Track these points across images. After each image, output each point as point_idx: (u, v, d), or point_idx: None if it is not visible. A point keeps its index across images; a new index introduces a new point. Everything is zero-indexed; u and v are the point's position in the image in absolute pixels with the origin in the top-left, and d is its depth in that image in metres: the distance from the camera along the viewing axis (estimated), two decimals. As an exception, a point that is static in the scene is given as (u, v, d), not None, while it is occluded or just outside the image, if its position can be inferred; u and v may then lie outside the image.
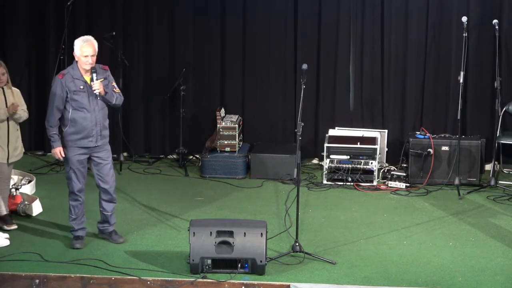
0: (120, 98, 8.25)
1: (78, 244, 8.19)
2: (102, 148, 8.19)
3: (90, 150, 8.14)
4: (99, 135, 8.11)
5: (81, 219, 8.31)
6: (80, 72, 8.07)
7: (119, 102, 8.23)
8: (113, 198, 8.32)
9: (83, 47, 8.00)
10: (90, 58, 8.00)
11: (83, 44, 8.01)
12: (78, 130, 8.07)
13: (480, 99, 10.87)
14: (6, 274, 7.47)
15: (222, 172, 10.57)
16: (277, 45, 11.16)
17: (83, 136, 8.08)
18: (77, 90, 8.04)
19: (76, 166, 8.13)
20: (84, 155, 8.13)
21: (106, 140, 8.21)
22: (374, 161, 10.33)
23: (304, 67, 8.14)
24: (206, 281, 7.43)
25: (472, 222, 9.01)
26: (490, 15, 10.61)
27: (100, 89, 8.03)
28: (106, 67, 8.20)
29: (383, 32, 10.98)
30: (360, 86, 11.10)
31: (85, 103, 8.05)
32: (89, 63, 8.00)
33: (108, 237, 8.37)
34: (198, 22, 11.16)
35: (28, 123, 11.22)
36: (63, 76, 8.07)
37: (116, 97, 8.18)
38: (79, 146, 8.10)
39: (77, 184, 8.18)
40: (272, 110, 11.25)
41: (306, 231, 8.66)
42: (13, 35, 11.28)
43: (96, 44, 8.06)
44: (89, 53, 8.00)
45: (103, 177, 8.22)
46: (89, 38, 8.06)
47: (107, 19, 11.22)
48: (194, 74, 11.27)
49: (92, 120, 8.06)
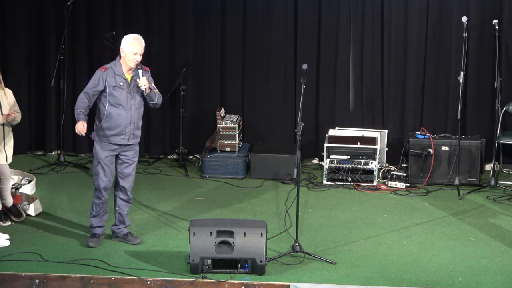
0: (161, 97, 8.29)
1: (92, 242, 8.18)
2: (132, 148, 8.21)
3: (120, 148, 8.15)
4: (131, 134, 8.13)
5: (102, 217, 8.30)
6: (122, 69, 8.11)
7: (160, 101, 8.26)
8: (129, 198, 8.33)
9: (133, 44, 8.05)
10: (139, 56, 8.05)
11: (134, 41, 8.06)
12: (112, 126, 8.07)
13: (480, 99, 10.87)
14: (6, 274, 7.47)
15: (222, 172, 10.58)
16: (277, 45, 11.16)
17: (116, 133, 8.09)
18: (116, 86, 8.07)
19: (104, 162, 8.12)
20: (113, 152, 8.15)
21: (137, 140, 8.23)
22: (374, 161, 10.33)
23: (304, 67, 8.14)
24: (206, 281, 7.43)
25: (472, 222, 9.01)
26: (490, 15, 10.61)
27: (147, 85, 8.07)
28: (147, 68, 8.23)
29: (383, 32, 10.98)
30: (360, 86, 11.10)
31: (123, 100, 8.08)
32: (136, 60, 8.05)
33: (123, 239, 8.31)
34: (198, 22, 11.17)
35: (28, 123, 11.24)
36: (105, 70, 8.13)
37: (158, 96, 8.22)
38: (111, 142, 8.11)
39: (103, 181, 8.15)
40: (272, 110, 11.25)
41: (306, 231, 8.66)
42: (13, 34, 11.28)
43: (144, 44, 8.11)
44: (138, 51, 8.06)
45: (125, 176, 8.23)
46: (139, 37, 8.12)
47: (107, 19, 11.22)
48: (194, 74, 11.27)
49: (127, 118, 8.08)
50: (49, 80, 10.94)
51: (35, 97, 11.41)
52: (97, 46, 11.16)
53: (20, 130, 8.95)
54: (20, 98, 10.97)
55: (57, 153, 11.26)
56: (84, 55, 11.24)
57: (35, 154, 11.50)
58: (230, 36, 11.20)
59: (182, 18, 11.18)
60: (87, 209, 8.85)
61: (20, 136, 10.55)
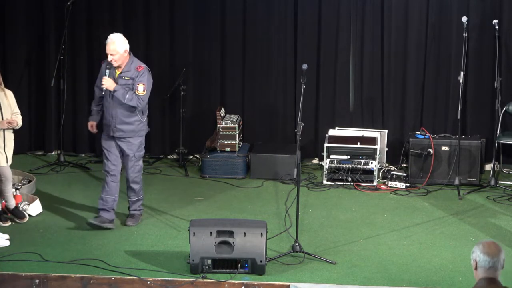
0: (136, 101, 8.44)
1: (91, 219, 8.59)
2: (125, 141, 8.60)
3: (113, 138, 8.60)
4: (115, 127, 8.52)
5: (105, 201, 8.62)
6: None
7: (132, 103, 8.46)
8: (133, 190, 8.74)
9: (107, 44, 8.43)
10: (110, 55, 8.37)
11: (107, 42, 8.44)
12: (104, 117, 8.66)
13: (480, 99, 10.87)
14: (6, 274, 7.47)
15: (222, 172, 10.57)
16: (277, 45, 11.16)
17: (106, 123, 8.63)
18: (102, 80, 8.50)
19: (103, 146, 8.65)
20: (109, 138, 8.61)
21: (124, 133, 8.57)
22: (374, 161, 10.33)
23: (304, 67, 8.14)
24: (206, 281, 7.43)
25: (472, 222, 9.01)
26: (490, 15, 10.60)
27: (106, 85, 8.40)
28: (140, 68, 8.49)
29: (383, 32, 10.97)
30: (360, 86, 11.10)
31: (107, 95, 8.56)
32: (114, 60, 8.40)
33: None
34: (198, 22, 11.16)
35: (28, 123, 11.22)
36: (103, 62, 8.57)
37: (129, 98, 8.41)
38: (105, 132, 8.65)
39: (105, 163, 8.66)
40: (272, 110, 11.25)
41: (306, 231, 8.66)
42: (13, 35, 11.28)
43: (118, 44, 8.37)
44: (109, 52, 8.40)
45: (126, 168, 8.71)
46: (112, 37, 8.44)
47: (107, 19, 11.22)
48: (194, 74, 11.27)
49: (109, 112, 8.54)
50: (49, 80, 10.94)
51: (35, 97, 11.41)
52: (97, 46, 11.15)
53: (20, 130, 8.93)
54: (20, 98, 10.94)
55: (57, 153, 11.26)
56: (84, 55, 11.24)
57: (35, 154, 11.49)
58: (230, 36, 11.20)
59: (182, 18, 11.18)
60: (87, 209, 8.88)
61: (20, 136, 10.51)
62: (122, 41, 8.41)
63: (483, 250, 4.97)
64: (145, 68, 8.55)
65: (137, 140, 8.63)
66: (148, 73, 8.56)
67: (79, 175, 10.62)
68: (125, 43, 8.44)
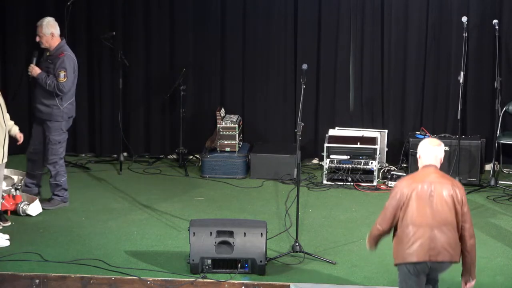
0: (53, 86, 8.91)
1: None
2: (42, 122, 9.06)
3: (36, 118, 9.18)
4: (35, 107, 9.10)
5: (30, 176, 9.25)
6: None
7: (50, 89, 8.94)
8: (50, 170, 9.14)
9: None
10: (37, 37, 9.03)
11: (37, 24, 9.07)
12: None
13: (480, 99, 10.86)
14: (6, 274, 7.48)
15: (222, 172, 10.57)
16: (277, 45, 11.15)
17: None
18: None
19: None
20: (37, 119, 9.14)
21: (42, 115, 9.04)
22: (374, 161, 10.33)
23: (304, 67, 8.14)
24: (206, 281, 7.43)
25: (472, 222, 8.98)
26: (490, 15, 10.60)
27: (31, 72, 9.05)
28: (61, 55, 9.02)
29: (383, 32, 10.97)
30: (360, 86, 11.10)
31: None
32: (40, 41, 9.05)
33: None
34: (198, 22, 11.16)
35: (28, 123, 11.20)
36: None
37: (49, 84, 8.93)
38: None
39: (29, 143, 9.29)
40: (272, 110, 11.25)
41: (306, 231, 8.66)
42: (13, 35, 11.27)
43: (44, 26, 9.00)
44: (37, 33, 9.04)
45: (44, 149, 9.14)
46: (41, 20, 9.05)
47: (107, 19, 11.21)
48: (194, 74, 11.26)
49: (34, 92, 9.24)
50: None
51: (35, 97, 11.39)
52: (97, 46, 11.15)
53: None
54: (20, 98, 10.99)
55: (57, 153, 11.25)
56: (84, 55, 11.23)
57: (35, 154, 11.48)
58: (230, 36, 11.20)
59: (182, 18, 11.17)
60: (87, 209, 8.89)
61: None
62: (49, 24, 8.99)
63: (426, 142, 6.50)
64: (67, 55, 9.00)
65: (54, 124, 9.01)
66: (70, 61, 8.98)
67: (79, 175, 10.61)
68: (53, 27, 9.00)
